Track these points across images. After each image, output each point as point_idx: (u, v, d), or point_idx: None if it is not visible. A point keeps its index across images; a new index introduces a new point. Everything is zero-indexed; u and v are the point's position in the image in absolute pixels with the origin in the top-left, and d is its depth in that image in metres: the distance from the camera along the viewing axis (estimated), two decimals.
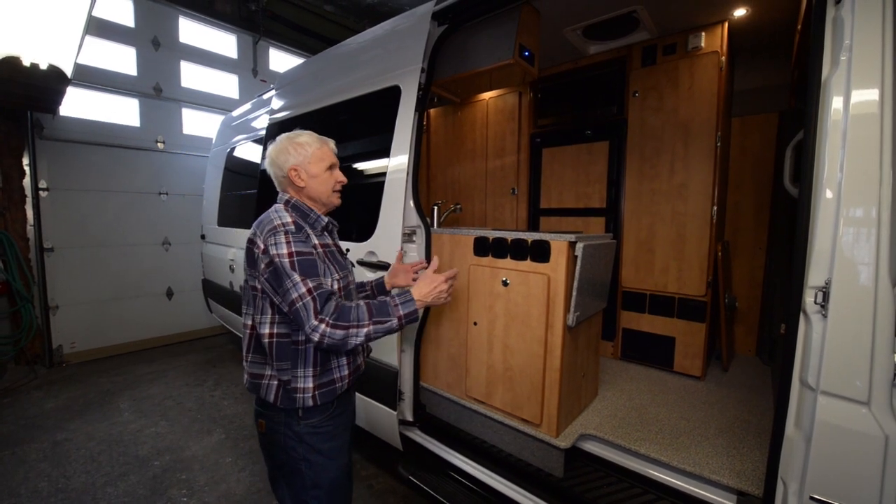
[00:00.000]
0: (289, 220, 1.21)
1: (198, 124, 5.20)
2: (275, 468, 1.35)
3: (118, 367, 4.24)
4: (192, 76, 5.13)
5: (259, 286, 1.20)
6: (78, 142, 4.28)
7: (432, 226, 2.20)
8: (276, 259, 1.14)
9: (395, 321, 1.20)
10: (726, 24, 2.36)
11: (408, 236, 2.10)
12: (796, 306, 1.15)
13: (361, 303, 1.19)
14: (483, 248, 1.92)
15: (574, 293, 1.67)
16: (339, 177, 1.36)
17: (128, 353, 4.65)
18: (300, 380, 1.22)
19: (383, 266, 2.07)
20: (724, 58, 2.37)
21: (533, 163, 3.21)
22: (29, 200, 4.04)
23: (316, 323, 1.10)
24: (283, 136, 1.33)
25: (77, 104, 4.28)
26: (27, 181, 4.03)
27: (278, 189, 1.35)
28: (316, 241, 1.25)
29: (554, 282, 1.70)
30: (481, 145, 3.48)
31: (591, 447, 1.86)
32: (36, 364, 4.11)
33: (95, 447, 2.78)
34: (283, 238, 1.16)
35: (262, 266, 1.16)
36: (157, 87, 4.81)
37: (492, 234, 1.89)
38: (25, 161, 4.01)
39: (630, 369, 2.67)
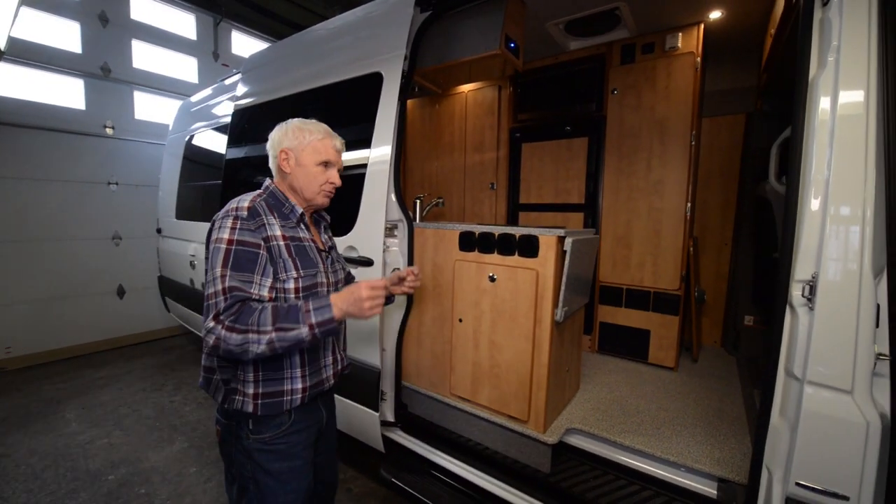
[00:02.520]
0: (246, 204, 1.11)
1: (152, 109, 4.82)
2: (229, 473, 1.24)
3: (64, 373, 3.87)
4: (146, 57, 4.73)
5: None
6: (12, 124, 3.84)
7: (414, 220, 2.13)
8: (214, 243, 1.06)
9: (304, 329, 1.01)
10: (702, 26, 2.43)
11: (389, 230, 2.02)
12: (783, 299, 1.18)
13: (269, 305, 1.03)
14: (469, 243, 1.87)
15: (563, 288, 1.66)
16: (333, 177, 1.25)
17: (75, 358, 4.26)
18: (240, 382, 1.12)
19: (365, 262, 1.98)
20: (699, 59, 2.44)
21: (512, 158, 3.20)
22: None
23: (212, 324, 0.98)
24: (294, 119, 1.24)
25: (11, 83, 3.84)
26: None
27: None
28: (278, 233, 1.13)
29: (542, 277, 1.68)
30: (460, 139, 3.43)
31: (576, 441, 1.87)
32: None
33: (38, 463, 2.52)
34: (229, 222, 1.07)
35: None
36: (105, 67, 4.40)
37: (478, 229, 1.85)
38: None
39: (608, 362, 2.72)
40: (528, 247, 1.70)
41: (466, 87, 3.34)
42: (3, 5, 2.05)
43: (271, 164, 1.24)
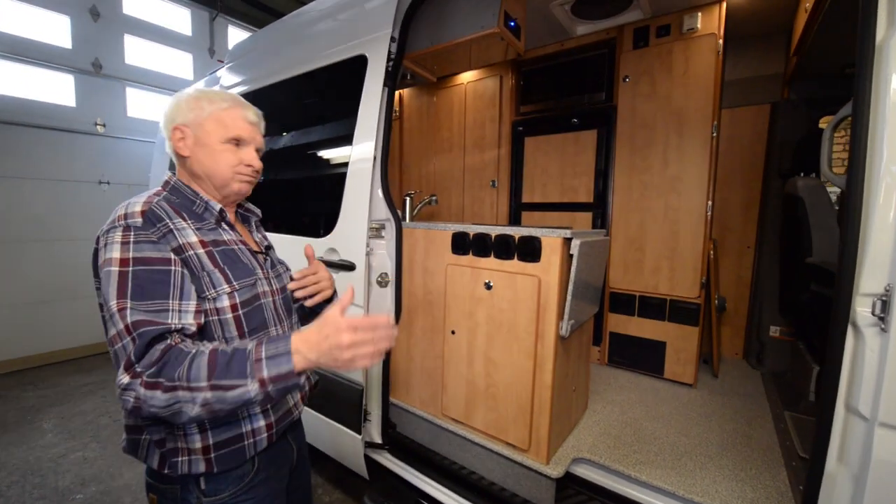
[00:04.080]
0: (137, 209, 0.82)
1: (146, 107, 4.68)
2: None
3: (48, 379, 3.72)
4: (139, 53, 4.60)
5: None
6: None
7: (404, 219, 1.93)
8: (105, 268, 0.77)
9: (252, 386, 0.71)
10: (724, 5, 2.18)
11: (375, 231, 1.81)
12: (843, 317, 0.95)
13: (206, 350, 0.74)
14: (462, 245, 1.66)
15: (569, 298, 1.44)
16: (248, 157, 0.95)
17: (62, 363, 4.12)
18: (179, 438, 0.84)
19: (347, 266, 1.78)
20: (720, 41, 2.20)
21: (515, 153, 2.98)
22: None
23: (126, 379, 0.71)
24: (191, 87, 0.99)
25: None
26: None
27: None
28: (193, 239, 0.86)
29: (545, 285, 1.45)
30: (459, 133, 3.22)
31: (584, 472, 1.64)
32: None
33: (5, 478, 2.35)
34: (118, 236, 0.78)
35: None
36: (96, 63, 4.27)
37: (472, 230, 1.63)
38: None
39: (619, 377, 2.48)
40: (529, 250, 1.48)
41: (465, 78, 3.12)
42: None
43: (167, 150, 0.96)
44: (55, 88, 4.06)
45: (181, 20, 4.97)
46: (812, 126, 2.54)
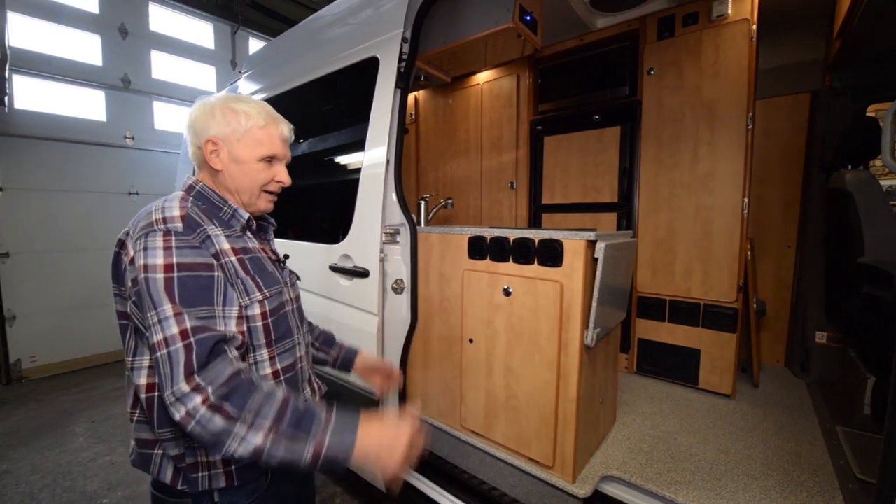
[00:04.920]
0: (177, 213, 0.80)
1: (171, 119, 4.84)
2: None
3: (82, 384, 3.87)
4: (165, 67, 4.77)
5: (129, 312, 0.81)
6: (36, 137, 3.90)
7: (419, 224, 1.87)
8: (144, 274, 0.74)
9: (309, 449, 0.70)
10: None
11: (390, 236, 1.76)
12: None
13: (280, 394, 0.73)
14: (479, 249, 1.59)
15: (594, 305, 1.34)
16: (280, 175, 0.96)
17: (96, 367, 4.28)
18: (200, 452, 0.83)
19: (361, 272, 1.73)
20: (754, 26, 2.05)
21: (534, 153, 2.88)
22: None
23: (186, 389, 0.68)
24: (221, 94, 0.96)
25: (35, 96, 3.92)
26: None
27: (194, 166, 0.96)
28: (226, 246, 0.85)
29: (568, 291, 1.36)
30: (475, 135, 3.15)
31: (613, 491, 1.53)
32: None
33: (38, 481, 2.43)
34: (159, 241, 0.75)
35: (129, 283, 0.78)
36: (125, 79, 4.45)
37: (490, 233, 1.56)
38: None
39: (648, 386, 2.34)
40: (550, 254, 1.40)
41: (481, 79, 3.05)
42: None
43: (191, 154, 0.93)
44: (87, 104, 4.25)
45: (204, 34, 5.13)
46: (859, 115, 2.35)
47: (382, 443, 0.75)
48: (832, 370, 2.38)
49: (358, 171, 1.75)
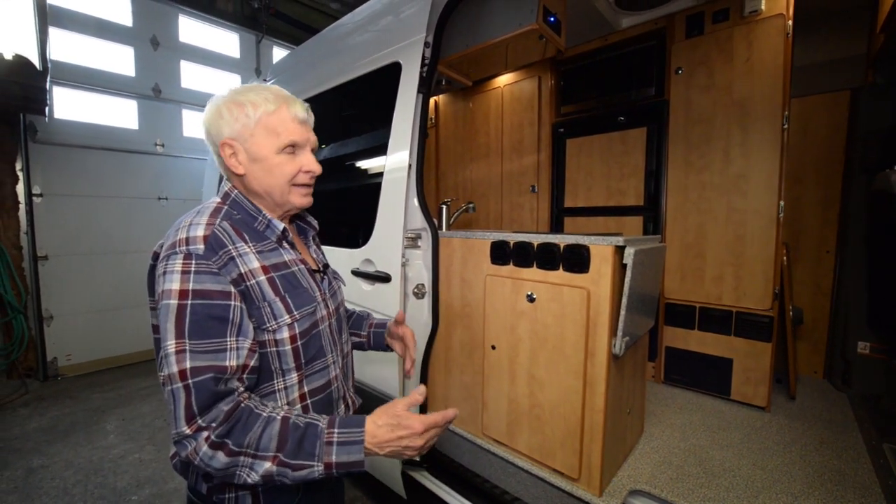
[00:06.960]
0: (201, 232, 0.76)
1: (199, 126, 4.98)
2: None
3: (114, 382, 4.01)
4: (193, 76, 4.93)
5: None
6: (74, 145, 4.09)
7: (440, 228, 1.86)
8: (161, 300, 0.72)
9: (318, 467, 0.70)
10: None
11: (411, 241, 1.75)
12: None
13: (278, 418, 0.72)
14: (502, 254, 1.56)
15: (623, 312, 1.30)
16: (307, 164, 0.87)
17: (127, 366, 4.43)
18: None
19: (382, 277, 1.73)
20: (790, 21, 1.96)
21: (556, 156, 2.84)
22: (22, 207, 3.86)
23: (188, 432, 0.68)
24: (226, 90, 0.88)
25: (73, 106, 4.11)
26: (20, 187, 3.85)
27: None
28: (255, 265, 0.80)
29: (595, 297, 1.32)
30: (496, 138, 3.13)
31: None
32: (30, 377, 3.91)
33: (72, 477, 2.51)
34: (178, 264, 0.73)
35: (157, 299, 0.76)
36: (156, 88, 4.62)
37: (513, 238, 1.53)
38: (18, 166, 3.83)
39: (677, 396, 2.25)
40: (577, 259, 1.36)
41: (502, 82, 3.03)
42: (23, 21, 2.08)
43: (217, 164, 0.88)
44: (121, 113, 4.43)
45: (230, 44, 5.28)
46: None
47: (387, 436, 0.74)
48: (876, 383, 2.24)
49: (380, 175, 1.76)
